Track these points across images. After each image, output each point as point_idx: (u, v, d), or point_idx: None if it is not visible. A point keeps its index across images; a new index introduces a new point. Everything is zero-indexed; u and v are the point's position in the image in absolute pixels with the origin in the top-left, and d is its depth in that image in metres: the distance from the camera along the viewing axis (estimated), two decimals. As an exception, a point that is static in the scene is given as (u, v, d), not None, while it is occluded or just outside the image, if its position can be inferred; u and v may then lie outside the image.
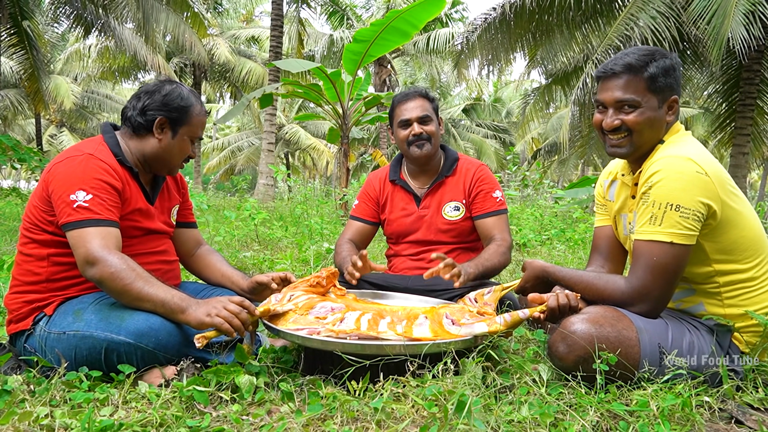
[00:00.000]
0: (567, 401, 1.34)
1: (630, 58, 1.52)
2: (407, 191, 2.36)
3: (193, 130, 1.76)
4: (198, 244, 2.03)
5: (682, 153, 1.47)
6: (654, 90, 1.52)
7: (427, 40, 16.79)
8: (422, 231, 2.31)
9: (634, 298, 1.49)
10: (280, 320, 1.59)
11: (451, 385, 1.35)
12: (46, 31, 15.22)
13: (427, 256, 2.29)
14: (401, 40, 7.24)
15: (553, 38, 9.93)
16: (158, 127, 1.72)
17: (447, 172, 2.32)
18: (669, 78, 1.52)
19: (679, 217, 1.42)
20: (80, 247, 1.51)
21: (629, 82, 1.52)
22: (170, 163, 1.77)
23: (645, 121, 1.52)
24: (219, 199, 10.96)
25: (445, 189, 2.31)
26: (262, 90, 7.54)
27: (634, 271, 1.50)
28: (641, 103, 1.52)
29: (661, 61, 1.52)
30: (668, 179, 1.43)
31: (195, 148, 1.83)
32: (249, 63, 20.06)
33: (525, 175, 10.32)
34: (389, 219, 2.40)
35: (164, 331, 1.50)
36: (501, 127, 27.70)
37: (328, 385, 1.46)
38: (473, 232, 2.31)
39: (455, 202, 2.29)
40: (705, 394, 1.40)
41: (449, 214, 2.28)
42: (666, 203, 1.43)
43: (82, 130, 24.57)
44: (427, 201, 2.32)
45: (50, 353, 1.54)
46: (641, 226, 1.49)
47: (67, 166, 1.59)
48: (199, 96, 1.81)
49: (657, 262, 1.45)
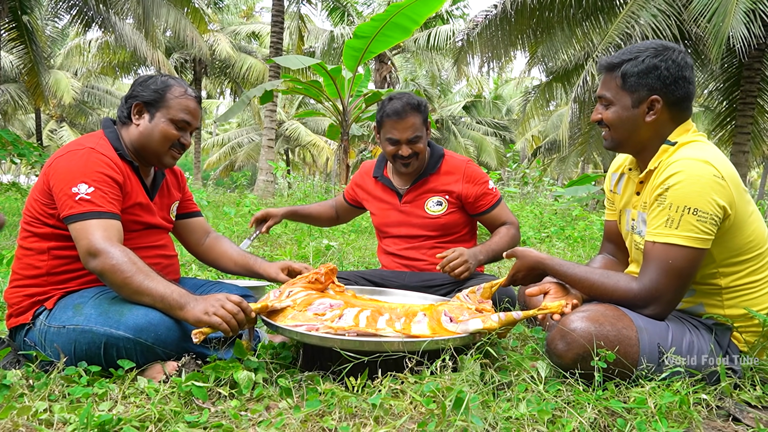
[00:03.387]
0: (565, 398, 1.34)
1: (614, 57, 1.57)
2: (389, 188, 2.39)
3: (172, 112, 1.71)
4: (206, 233, 2.03)
5: (701, 156, 1.45)
6: (627, 89, 1.54)
7: (428, 37, 16.77)
8: (405, 225, 2.35)
9: (646, 299, 1.47)
10: (279, 316, 1.59)
11: (449, 381, 1.35)
12: (47, 25, 15.19)
13: (413, 252, 2.33)
14: (402, 36, 7.23)
15: (553, 35, 9.91)
16: (136, 113, 1.73)
17: (431, 169, 2.32)
18: (646, 78, 1.51)
19: (696, 220, 1.41)
20: (83, 239, 1.51)
21: (606, 79, 1.60)
22: (153, 148, 1.72)
23: (616, 118, 1.57)
24: (219, 195, 10.95)
25: (428, 186, 2.33)
26: (263, 88, 7.53)
27: (647, 273, 1.48)
28: (613, 101, 1.57)
29: (642, 60, 1.51)
30: (686, 182, 1.42)
31: (185, 134, 1.76)
32: (249, 59, 20.02)
33: (525, 172, 10.31)
34: (373, 212, 2.46)
35: (163, 327, 1.50)
36: (501, 124, 27.66)
37: (327, 381, 1.46)
38: (458, 225, 2.34)
39: (437, 197, 2.31)
40: (703, 392, 1.40)
41: (431, 209, 2.30)
42: (683, 206, 1.42)
43: (82, 125, 24.53)
44: (409, 197, 2.35)
45: (50, 347, 1.54)
46: (656, 228, 1.47)
47: (68, 159, 1.59)
48: (184, 82, 1.78)
49: (672, 265, 1.43)
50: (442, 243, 2.32)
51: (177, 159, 1.79)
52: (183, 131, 1.75)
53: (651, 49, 1.52)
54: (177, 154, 1.77)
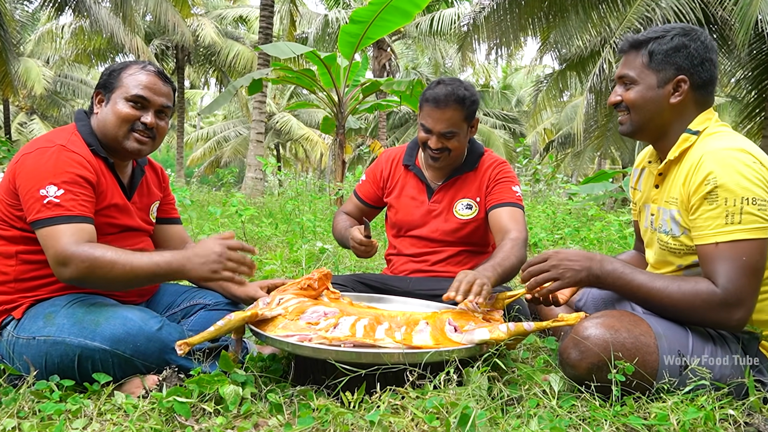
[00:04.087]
0: (580, 414, 1.34)
1: (640, 35, 1.61)
2: (420, 180, 2.32)
3: (126, 89, 1.68)
4: (184, 243, 2.02)
5: (732, 145, 1.48)
6: (652, 67, 1.58)
7: (431, 22, 16.76)
8: (429, 227, 2.28)
9: (732, 305, 1.44)
10: (269, 326, 1.59)
11: (454, 396, 1.35)
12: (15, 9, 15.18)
13: (431, 257, 2.28)
14: (402, 21, 7.23)
15: (567, 19, 9.91)
16: (97, 102, 1.74)
17: (468, 167, 2.28)
18: (674, 56, 1.56)
19: (758, 210, 1.43)
20: (51, 247, 1.51)
21: (628, 58, 1.63)
22: (111, 133, 1.69)
23: (640, 98, 1.60)
24: (203, 193, 10.97)
25: (461, 185, 2.28)
26: (251, 77, 7.53)
27: (723, 276, 1.44)
28: (637, 80, 1.60)
29: (672, 40, 1.56)
30: (734, 173, 1.44)
31: (146, 113, 1.70)
32: (237, 45, 20.03)
33: (536, 168, 10.33)
34: (396, 205, 2.35)
35: (143, 337, 1.50)
36: (510, 116, 27.68)
37: (320, 397, 1.47)
38: (483, 233, 2.29)
39: (468, 199, 2.26)
40: (729, 407, 1.40)
41: (461, 213, 2.26)
42: (741, 198, 1.43)
43: (55, 117, 24.54)
44: (440, 195, 2.28)
45: (18, 360, 1.54)
46: (714, 228, 1.46)
47: (37, 158, 1.58)
48: (148, 62, 1.78)
49: (747, 263, 1.43)
50: (463, 252, 2.28)
51: (146, 145, 1.73)
52: (144, 110, 1.71)
53: (678, 29, 1.58)
54: (143, 138, 1.71)
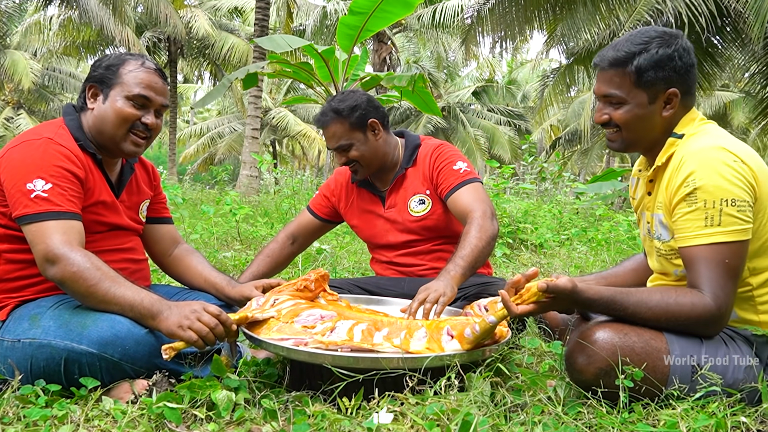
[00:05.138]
0: (586, 422, 1.34)
1: (619, 50, 1.55)
2: (371, 192, 2.37)
3: (126, 87, 1.68)
4: (175, 243, 2.03)
5: (713, 143, 1.49)
6: (642, 85, 1.54)
7: (433, 13, 16.75)
8: (392, 234, 2.31)
9: (723, 311, 1.44)
10: (263, 329, 1.59)
11: (455, 403, 1.35)
12: (1, 0, 15.20)
13: (406, 259, 2.31)
14: (403, 12, 7.23)
15: (575, 11, 9.89)
16: (90, 96, 1.73)
17: (407, 163, 2.31)
18: (663, 71, 1.53)
19: (737, 211, 1.44)
20: (39, 244, 1.51)
21: (614, 76, 1.57)
22: (109, 132, 1.69)
23: (632, 118, 1.57)
24: (196, 191, 10.96)
25: (408, 183, 2.30)
26: (246, 69, 7.53)
27: (709, 281, 1.44)
28: (627, 99, 1.56)
29: (656, 52, 1.52)
30: (713, 174, 1.45)
31: (147, 114, 1.71)
32: (231, 38, 20.01)
33: (542, 166, 10.33)
34: (358, 224, 2.41)
35: (131, 340, 1.50)
36: (516, 112, 27.69)
37: (316, 402, 1.46)
38: (448, 221, 2.29)
39: (419, 194, 2.28)
40: (742, 414, 1.40)
41: (415, 210, 2.28)
42: (720, 199, 1.44)
43: (43, 112, 24.52)
44: (392, 199, 2.32)
45: (3, 364, 1.54)
46: (695, 230, 1.47)
47: (23, 151, 1.59)
48: (145, 56, 1.77)
49: (730, 265, 1.44)
50: (440, 245, 2.30)
51: (142, 146, 1.74)
52: (144, 109, 1.71)
53: (657, 39, 1.54)
54: (140, 140, 1.73)
